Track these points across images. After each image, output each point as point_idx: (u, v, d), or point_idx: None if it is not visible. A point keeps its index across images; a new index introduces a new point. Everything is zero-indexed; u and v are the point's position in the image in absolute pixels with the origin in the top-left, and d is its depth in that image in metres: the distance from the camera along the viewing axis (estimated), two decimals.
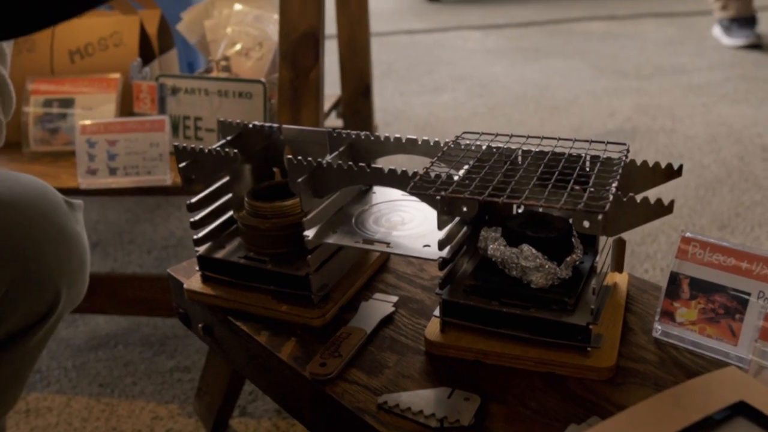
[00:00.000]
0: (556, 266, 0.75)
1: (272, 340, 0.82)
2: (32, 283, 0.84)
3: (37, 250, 0.83)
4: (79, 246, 0.89)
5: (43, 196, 0.86)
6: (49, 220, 0.85)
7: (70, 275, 0.88)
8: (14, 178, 0.86)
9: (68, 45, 1.53)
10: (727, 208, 2.00)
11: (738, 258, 0.77)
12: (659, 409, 0.59)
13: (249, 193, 0.90)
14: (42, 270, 0.85)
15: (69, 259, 0.88)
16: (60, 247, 0.86)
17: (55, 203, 0.87)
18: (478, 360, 0.76)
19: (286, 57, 1.23)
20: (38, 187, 0.86)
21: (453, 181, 0.74)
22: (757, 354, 0.66)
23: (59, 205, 0.88)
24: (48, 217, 0.85)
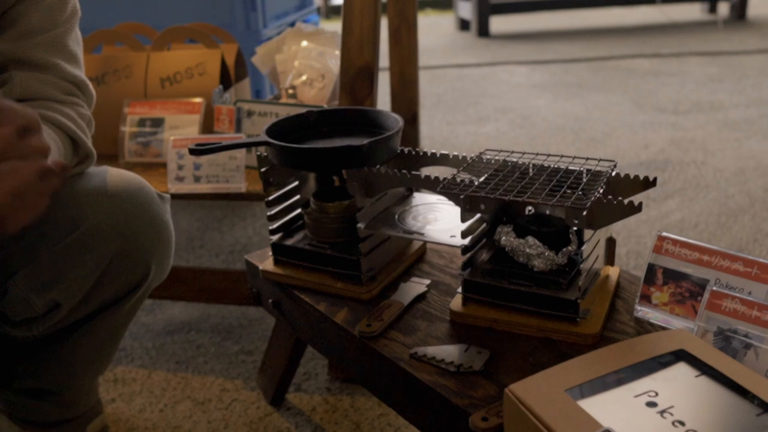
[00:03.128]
0: (554, 255, 0.95)
1: (329, 309, 1.04)
2: (129, 259, 1.07)
3: (134, 233, 1.05)
4: (167, 231, 1.11)
5: (141, 188, 1.08)
6: (145, 209, 1.07)
7: (158, 255, 1.11)
8: (118, 174, 1.08)
9: (160, 73, 1.78)
10: (746, 235, 2.16)
11: (701, 252, 0.96)
12: (616, 351, 0.79)
13: (314, 194, 1.12)
14: (137, 249, 1.07)
15: (159, 241, 1.10)
16: (152, 231, 1.08)
17: (150, 195, 1.09)
18: (490, 326, 0.97)
19: (345, 88, 1.46)
20: (137, 182, 1.09)
21: (474, 185, 0.95)
22: (702, 320, 0.85)
23: (153, 197, 1.10)
24: (144, 207, 1.07)
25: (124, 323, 1.21)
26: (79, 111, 1.05)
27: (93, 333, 1.15)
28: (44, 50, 1.01)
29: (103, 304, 1.12)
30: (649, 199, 2.40)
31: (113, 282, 1.09)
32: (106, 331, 1.18)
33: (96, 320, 1.13)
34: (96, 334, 1.16)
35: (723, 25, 5.65)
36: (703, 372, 0.76)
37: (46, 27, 1.01)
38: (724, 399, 0.73)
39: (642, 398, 0.72)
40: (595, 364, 0.77)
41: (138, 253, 1.08)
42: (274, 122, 1.13)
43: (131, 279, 1.10)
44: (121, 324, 1.21)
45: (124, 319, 1.20)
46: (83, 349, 1.17)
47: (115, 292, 1.11)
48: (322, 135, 1.13)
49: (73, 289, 1.05)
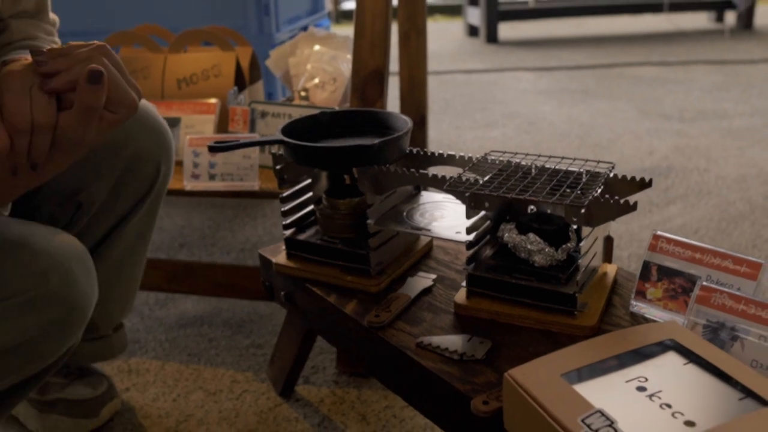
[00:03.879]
0: (554, 251, 1.00)
1: (339, 301, 1.09)
2: (141, 162, 1.19)
3: (142, 139, 1.18)
4: (167, 134, 1.24)
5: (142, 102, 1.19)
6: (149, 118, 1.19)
7: (164, 155, 1.22)
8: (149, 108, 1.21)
9: (177, 74, 1.84)
10: (745, 240, 2.21)
11: (693, 251, 1.01)
12: (610, 340, 0.84)
13: (326, 191, 1.17)
14: (146, 152, 1.19)
15: (162, 143, 1.22)
16: (156, 135, 1.20)
17: (148, 106, 1.21)
18: (493, 319, 1.02)
19: (356, 90, 1.51)
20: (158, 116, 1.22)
21: (478, 184, 1.00)
22: (692, 313, 0.90)
23: (150, 106, 1.22)
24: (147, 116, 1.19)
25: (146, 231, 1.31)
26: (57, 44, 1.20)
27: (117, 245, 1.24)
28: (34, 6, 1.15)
29: (123, 211, 1.22)
30: (652, 204, 2.45)
31: (129, 187, 1.20)
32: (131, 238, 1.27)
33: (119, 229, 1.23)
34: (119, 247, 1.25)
35: (730, 34, 5.70)
36: (691, 360, 0.81)
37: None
38: (710, 384, 0.78)
39: (633, 383, 0.77)
40: (590, 351, 0.82)
41: (147, 156, 1.19)
42: (288, 122, 1.18)
43: (145, 181, 1.22)
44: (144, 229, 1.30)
45: (144, 228, 1.29)
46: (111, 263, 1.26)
47: (134, 195, 1.22)
48: (334, 135, 1.19)
49: (95, 194, 1.16)
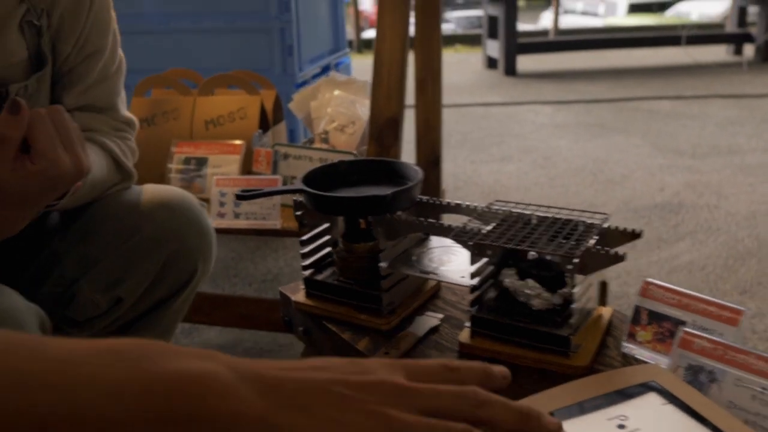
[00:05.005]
0: (551, 296, 1.09)
1: (353, 338, 1.18)
2: (181, 258, 1.26)
3: (185, 236, 1.25)
4: (210, 234, 1.31)
5: (187, 199, 1.28)
6: (193, 216, 1.27)
7: (204, 254, 1.30)
8: (166, 188, 1.29)
9: (205, 116, 1.95)
10: (751, 277, 2.27)
11: (680, 296, 1.09)
12: (596, 381, 0.92)
13: (343, 235, 1.27)
14: (187, 250, 1.26)
15: (204, 243, 1.30)
16: (198, 234, 1.28)
17: (195, 204, 1.30)
18: (494, 357, 1.10)
19: (373, 136, 1.61)
20: (183, 193, 1.29)
21: (482, 233, 1.09)
22: (674, 356, 0.98)
23: (198, 205, 1.30)
24: (192, 214, 1.27)
25: (175, 320, 1.39)
26: (125, 142, 1.26)
27: (148, 329, 1.32)
28: (102, 99, 1.22)
29: (158, 300, 1.30)
30: (661, 241, 2.53)
31: (167, 278, 1.27)
32: (160, 326, 1.35)
33: (151, 316, 1.31)
34: (151, 331, 1.33)
35: (747, 67, 5.76)
36: (669, 401, 0.90)
37: (102, 78, 1.22)
38: (685, 424, 0.86)
39: (614, 421, 0.85)
40: (577, 390, 0.91)
41: (188, 253, 1.27)
42: (309, 171, 1.28)
43: (182, 276, 1.29)
44: (173, 320, 1.38)
45: (175, 317, 1.37)
46: None
47: (169, 288, 1.29)
48: (351, 183, 1.28)
49: (135, 286, 1.23)
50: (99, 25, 1.19)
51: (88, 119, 1.20)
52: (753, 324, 2.00)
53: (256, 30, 2.60)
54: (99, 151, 1.18)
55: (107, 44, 1.21)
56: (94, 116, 1.21)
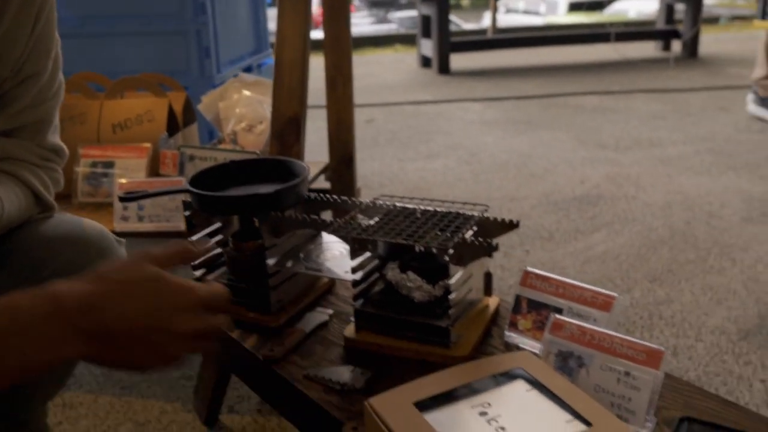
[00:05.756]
0: (431, 288, 1.10)
1: (242, 336, 1.19)
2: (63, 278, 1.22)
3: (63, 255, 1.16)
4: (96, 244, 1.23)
5: (102, 234, 1.24)
6: (105, 252, 1.22)
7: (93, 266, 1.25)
8: (79, 222, 1.23)
9: (112, 120, 1.93)
10: (662, 265, 2.33)
11: (557, 285, 1.12)
12: (465, 370, 0.94)
13: (233, 234, 1.27)
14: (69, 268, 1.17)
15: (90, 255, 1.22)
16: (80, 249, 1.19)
17: (109, 240, 1.24)
18: (377, 350, 1.12)
19: (275, 135, 1.62)
20: (98, 228, 1.24)
21: (364, 227, 1.10)
22: (545, 343, 1.01)
23: (112, 241, 1.25)
24: (104, 250, 1.22)
25: None
26: (49, 173, 1.19)
27: None
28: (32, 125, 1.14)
29: None
30: (578, 232, 2.57)
31: None
32: None
33: None
34: None
35: (674, 62, 5.90)
36: (534, 387, 0.92)
37: (37, 103, 1.14)
38: (545, 408, 0.88)
39: (477, 409, 0.87)
40: (445, 380, 0.92)
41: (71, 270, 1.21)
42: (198, 171, 1.28)
43: None
44: None
45: None
46: None
47: None
48: (240, 182, 1.28)
49: None
50: (40, 48, 1.12)
51: (13, 147, 1.13)
52: (661, 310, 2.05)
53: (171, 32, 2.58)
54: (17, 186, 1.12)
55: (47, 68, 1.14)
56: (20, 143, 1.14)
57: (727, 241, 2.50)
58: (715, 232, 2.58)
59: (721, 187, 3.02)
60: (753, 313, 2.03)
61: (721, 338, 1.91)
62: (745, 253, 2.40)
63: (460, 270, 1.10)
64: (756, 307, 2.06)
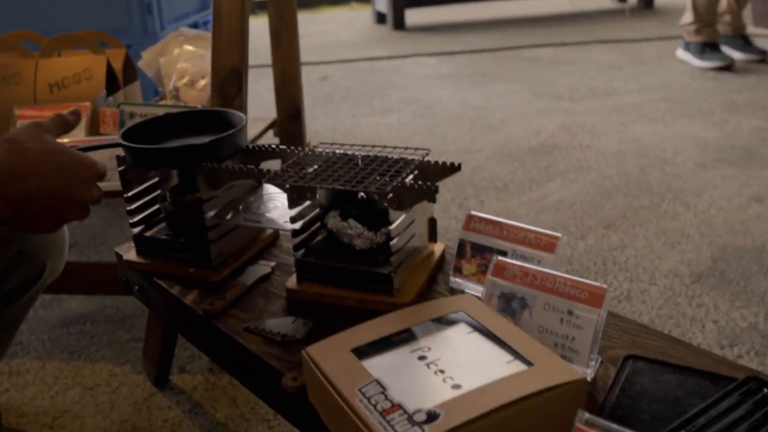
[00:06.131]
0: (373, 235, 1.08)
1: (182, 292, 1.15)
2: (26, 257, 1.20)
3: (27, 239, 1.18)
4: (61, 232, 1.25)
5: None
6: None
7: (53, 252, 1.24)
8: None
9: (48, 79, 1.86)
10: (617, 212, 2.33)
11: (501, 227, 1.10)
12: (404, 315, 0.92)
13: (171, 188, 1.23)
14: (34, 249, 1.20)
15: (53, 240, 1.23)
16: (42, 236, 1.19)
17: None
18: (319, 301, 1.09)
19: (215, 89, 1.57)
20: None
21: (301, 175, 1.07)
22: (488, 285, 0.99)
23: None
24: None
25: (19, 318, 1.32)
26: None
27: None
28: None
29: (5, 297, 1.23)
30: (533, 182, 2.57)
31: (13, 278, 1.21)
32: (6, 320, 1.28)
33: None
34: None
35: (630, 13, 5.88)
36: (475, 329, 0.90)
37: None
38: (485, 350, 0.86)
39: (416, 353, 0.85)
40: (385, 325, 0.90)
41: (34, 253, 1.21)
42: (133, 125, 1.23)
43: (29, 275, 1.23)
44: (16, 318, 1.31)
45: (18, 314, 1.30)
46: None
47: (15, 286, 1.22)
48: (176, 135, 1.24)
49: None
50: None
51: None
52: (615, 256, 2.05)
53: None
54: None
55: None
56: None
57: (681, 186, 2.51)
58: (668, 178, 2.58)
59: (675, 134, 3.02)
60: (706, 256, 2.04)
61: (675, 281, 1.92)
62: (698, 198, 2.41)
63: (401, 216, 1.08)
64: (709, 250, 2.07)
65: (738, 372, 0.90)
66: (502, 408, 0.75)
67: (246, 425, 1.40)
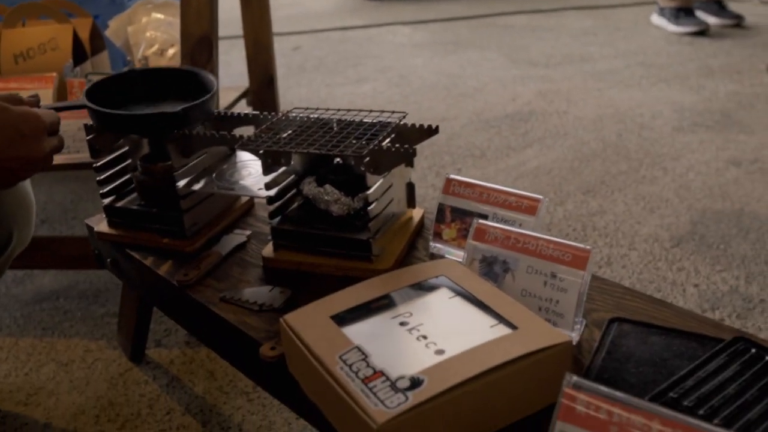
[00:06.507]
0: (350, 200, 1.05)
1: (155, 263, 1.12)
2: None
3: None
4: (27, 199, 1.20)
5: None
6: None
7: (20, 220, 1.20)
8: None
9: (13, 50, 1.81)
10: (595, 177, 2.32)
11: (481, 190, 1.08)
12: (384, 280, 0.90)
13: (142, 157, 1.19)
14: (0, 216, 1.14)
15: (19, 208, 1.19)
16: (12, 199, 1.16)
17: None
18: (297, 269, 1.07)
19: (185, 56, 1.53)
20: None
21: (276, 140, 1.04)
22: (468, 249, 0.97)
23: None
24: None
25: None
26: None
27: None
28: None
29: None
30: (510, 149, 2.55)
31: None
32: None
33: None
34: None
35: None
36: (457, 294, 0.88)
37: None
38: (469, 314, 0.84)
39: (397, 319, 0.83)
40: (364, 291, 0.88)
41: (1, 223, 1.15)
42: (96, 81, 1.18)
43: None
44: None
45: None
46: None
47: None
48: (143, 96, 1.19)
49: None
50: None
51: None
52: (594, 221, 2.04)
53: None
54: None
55: None
56: None
57: (659, 151, 2.50)
58: (646, 143, 2.57)
59: (652, 99, 3.01)
60: (685, 220, 2.04)
61: (655, 246, 1.91)
62: (676, 162, 2.40)
63: (379, 180, 1.05)
64: (688, 214, 2.07)
65: (724, 333, 0.89)
66: (487, 372, 0.74)
67: (224, 398, 1.38)
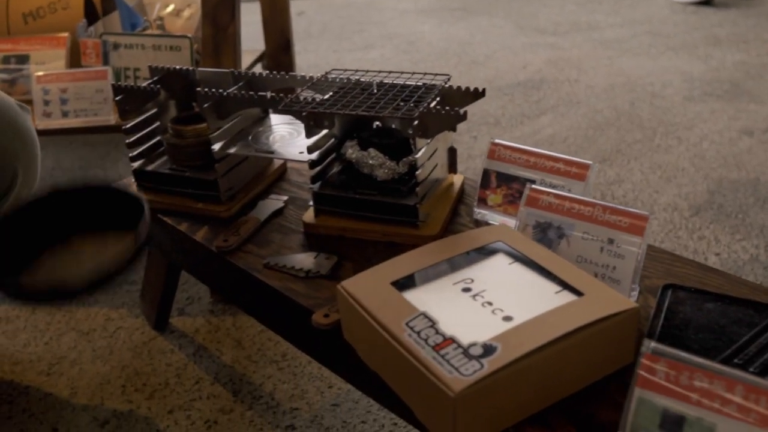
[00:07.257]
0: (395, 164, 1.02)
1: (190, 228, 1.09)
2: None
3: None
4: (30, 136, 1.17)
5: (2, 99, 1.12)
6: (5, 117, 1.11)
7: (24, 158, 1.16)
8: None
9: (22, 9, 1.75)
10: (610, 146, 2.29)
11: (528, 155, 1.05)
12: (441, 246, 0.87)
13: (172, 120, 1.16)
14: (3, 155, 1.11)
15: (23, 146, 1.15)
16: (15, 136, 1.13)
17: (8, 104, 1.13)
18: (340, 235, 1.04)
19: (207, 16, 1.48)
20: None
21: (318, 102, 1.01)
22: (522, 215, 0.94)
23: (12, 105, 1.14)
24: (6, 115, 1.11)
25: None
26: None
27: None
28: None
29: None
30: (524, 116, 2.51)
31: None
32: None
33: None
34: None
35: None
36: (516, 260, 0.85)
37: None
38: (531, 280, 0.82)
39: (459, 285, 0.81)
40: (422, 258, 0.85)
41: (4, 159, 1.12)
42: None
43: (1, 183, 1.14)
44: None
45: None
46: None
47: None
48: None
49: None
50: None
51: None
52: (612, 189, 2.02)
53: None
54: None
55: None
56: None
57: (672, 120, 2.47)
58: (659, 111, 2.54)
59: (661, 68, 2.98)
60: (702, 189, 2.02)
61: (674, 215, 1.89)
62: (689, 132, 2.38)
63: (424, 145, 1.02)
64: (705, 183, 2.05)
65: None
66: (559, 340, 0.71)
67: (254, 367, 1.36)
